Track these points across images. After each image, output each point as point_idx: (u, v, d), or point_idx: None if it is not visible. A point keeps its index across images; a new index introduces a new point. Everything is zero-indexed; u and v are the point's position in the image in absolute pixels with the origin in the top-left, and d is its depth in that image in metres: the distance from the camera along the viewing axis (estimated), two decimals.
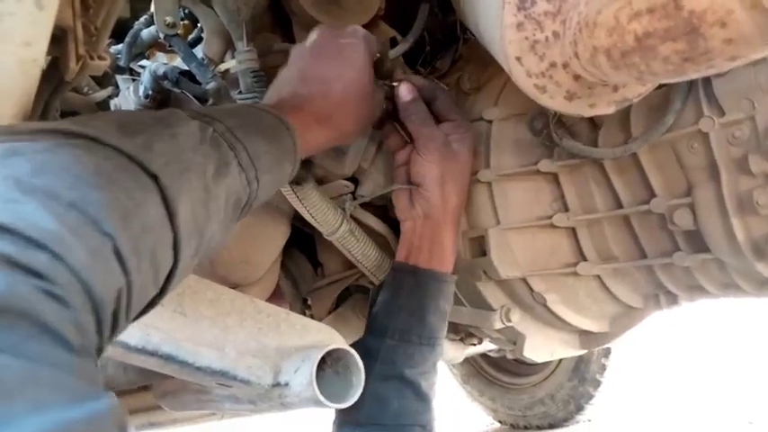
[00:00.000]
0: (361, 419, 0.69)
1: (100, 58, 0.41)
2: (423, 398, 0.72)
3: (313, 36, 0.66)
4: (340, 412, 0.72)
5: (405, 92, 0.74)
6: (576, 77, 0.46)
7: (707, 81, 0.64)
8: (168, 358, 0.59)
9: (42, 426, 0.22)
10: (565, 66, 0.45)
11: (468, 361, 2.14)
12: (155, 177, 0.38)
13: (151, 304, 0.41)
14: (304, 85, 0.61)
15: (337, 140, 0.64)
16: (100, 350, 0.33)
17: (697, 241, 0.68)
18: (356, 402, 0.68)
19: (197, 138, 0.43)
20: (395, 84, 0.75)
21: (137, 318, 0.41)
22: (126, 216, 0.34)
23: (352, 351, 0.66)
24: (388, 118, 0.77)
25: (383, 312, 0.74)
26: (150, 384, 0.95)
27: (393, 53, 0.80)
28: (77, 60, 0.40)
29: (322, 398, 0.61)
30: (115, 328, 0.35)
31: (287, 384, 0.64)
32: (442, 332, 0.75)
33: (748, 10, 0.32)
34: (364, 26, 0.79)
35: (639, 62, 0.37)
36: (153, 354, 0.59)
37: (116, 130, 0.38)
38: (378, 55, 0.69)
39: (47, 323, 0.26)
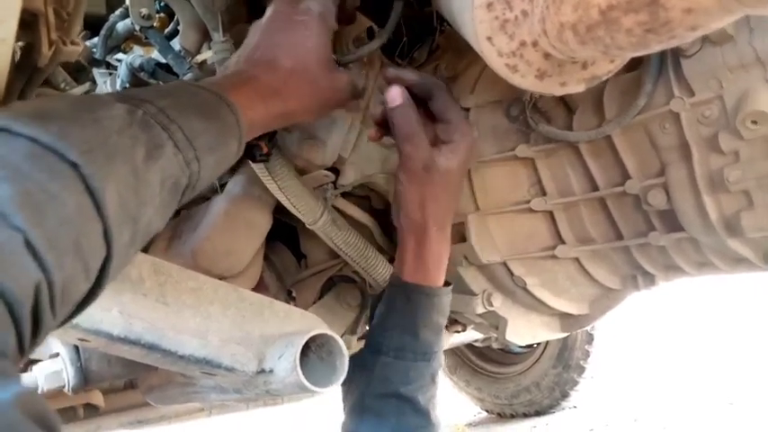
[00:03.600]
0: None
1: (73, 43, 0.41)
2: (422, 413, 0.72)
3: (268, 12, 0.65)
4: (343, 423, 0.73)
5: (392, 96, 0.68)
6: (546, 56, 0.47)
7: (676, 62, 0.65)
8: (151, 347, 0.59)
9: None
10: (534, 44, 0.46)
11: (454, 352, 2.16)
12: (74, 165, 0.35)
13: (88, 299, 0.39)
14: (249, 63, 0.59)
15: (287, 118, 0.62)
16: (21, 348, 0.31)
17: (671, 221, 0.70)
18: (357, 417, 0.69)
19: (124, 121, 0.41)
20: (388, 78, 0.71)
21: (75, 313, 0.39)
22: (39, 209, 0.32)
23: (336, 336, 0.66)
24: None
25: (379, 328, 0.74)
26: (136, 380, 0.95)
27: (368, 48, 0.79)
28: (50, 46, 0.40)
29: (306, 383, 0.61)
30: (38, 325, 0.32)
31: (271, 371, 0.64)
32: (437, 345, 0.75)
33: None
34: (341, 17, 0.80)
35: (604, 35, 0.38)
36: (136, 343, 0.59)
37: (31, 118, 0.36)
38: (336, 27, 0.67)
39: None
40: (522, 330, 0.88)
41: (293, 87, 0.60)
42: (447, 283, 0.76)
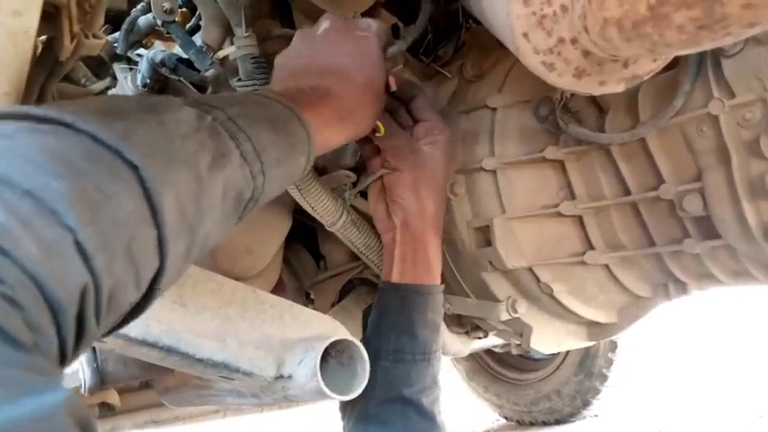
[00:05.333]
0: None
1: (95, 36, 0.40)
2: (427, 415, 0.70)
3: (325, 24, 0.63)
4: None
5: None
6: (586, 53, 0.44)
7: (716, 62, 0.63)
8: (169, 350, 0.58)
9: None
10: (573, 41, 0.44)
11: (473, 357, 2.14)
12: (134, 168, 0.34)
13: (136, 310, 0.37)
14: (323, 78, 0.58)
15: (353, 137, 0.62)
16: (63, 356, 0.30)
17: (707, 227, 0.67)
18: (361, 428, 0.68)
19: (191, 126, 0.39)
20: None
21: (121, 325, 0.37)
22: (93, 208, 0.31)
23: (357, 342, 0.64)
24: None
25: (374, 335, 0.73)
26: (152, 381, 0.94)
27: (397, 47, 0.77)
28: (72, 39, 0.39)
29: (326, 389, 0.60)
30: (82, 332, 0.31)
31: (290, 376, 0.63)
32: (435, 345, 0.74)
33: None
34: (365, 13, 0.78)
35: (652, 32, 0.36)
36: (153, 345, 0.57)
37: (95, 115, 0.35)
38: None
39: None
40: (547, 338, 0.85)
41: (364, 108, 0.60)
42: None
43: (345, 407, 0.73)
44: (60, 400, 0.22)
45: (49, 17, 0.40)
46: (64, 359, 0.30)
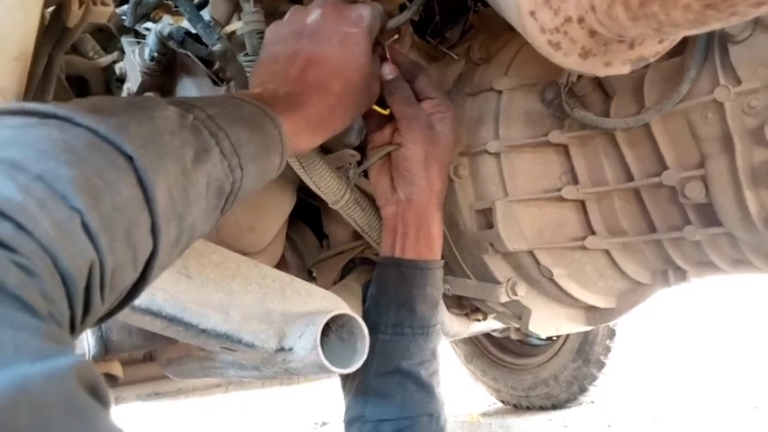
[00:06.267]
0: (366, 416, 0.69)
1: (103, 3, 0.40)
2: (425, 387, 0.71)
3: (316, 10, 0.64)
4: (348, 410, 0.73)
5: (387, 70, 0.71)
6: (592, 33, 0.44)
7: (723, 48, 0.62)
8: (173, 319, 0.59)
9: (0, 383, 0.21)
10: (580, 20, 0.44)
11: (472, 341, 2.15)
12: (130, 158, 0.37)
13: (133, 292, 0.40)
14: (299, 83, 0.59)
15: (325, 139, 0.63)
16: (72, 326, 0.32)
17: (708, 215, 0.67)
18: (360, 400, 0.69)
19: (176, 123, 0.43)
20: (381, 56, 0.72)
21: (121, 305, 0.40)
22: (95, 193, 0.33)
23: (357, 317, 0.65)
24: None
25: (373, 309, 0.73)
26: (155, 353, 0.95)
27: (395, 21, 0.77)
28: (80, 4, 0.39)
29: (326, 362, 0.61)
30: (88, 306, 0.33)
31: (291, 349, 0.63)
32: (434, 319, 0.74)
33: None
34: None
35: (659, 11, 0.36)
36: (157, 314, 0.58)
37: (90, 112, 0.37)
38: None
39: (8, 288, 0.26)
40: (546, 322, 0.86)
41: (340, 112, 0.61)
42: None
43: (345, 380, 0.74)
44: (70, 365, 0.24)
45: None
46: (72, 331, 0.32)
